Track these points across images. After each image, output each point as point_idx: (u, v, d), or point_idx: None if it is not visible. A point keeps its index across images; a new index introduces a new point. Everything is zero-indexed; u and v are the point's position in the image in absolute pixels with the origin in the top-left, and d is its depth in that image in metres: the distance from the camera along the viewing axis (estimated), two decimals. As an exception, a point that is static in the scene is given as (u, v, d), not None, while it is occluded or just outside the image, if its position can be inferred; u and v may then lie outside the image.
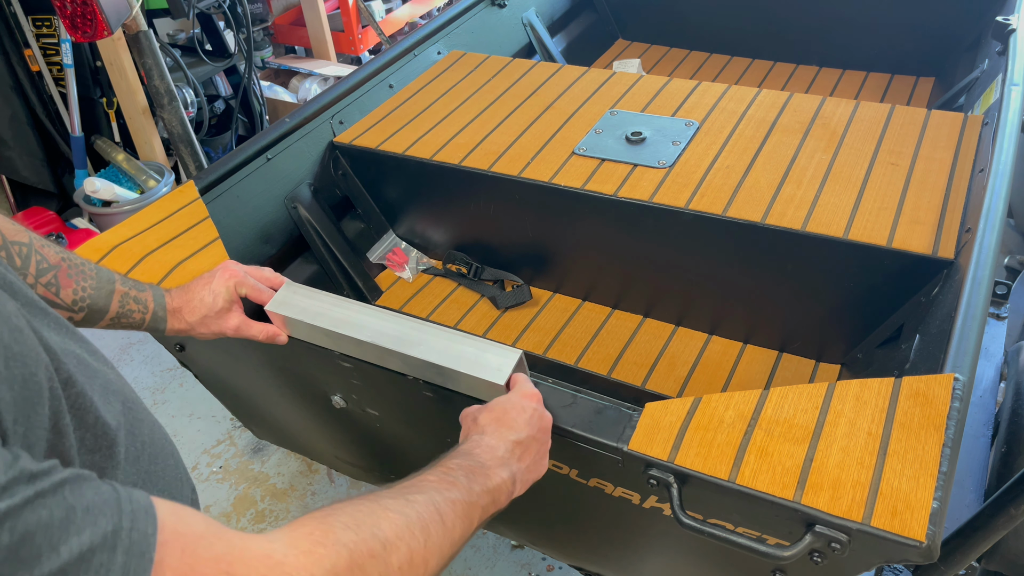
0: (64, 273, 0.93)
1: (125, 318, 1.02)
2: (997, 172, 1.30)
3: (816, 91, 2.54)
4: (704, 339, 1.72)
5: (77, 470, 0.49)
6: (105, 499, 0.48)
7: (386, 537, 0.63)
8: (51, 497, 0.44)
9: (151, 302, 1.05)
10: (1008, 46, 1.71)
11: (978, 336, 1.02)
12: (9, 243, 0.87)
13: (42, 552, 0.42)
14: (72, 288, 0.94)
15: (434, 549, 0.67)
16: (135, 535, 0.47)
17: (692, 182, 1.56)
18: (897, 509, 0.83)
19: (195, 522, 0.52)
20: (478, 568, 1.95)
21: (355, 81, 1.91)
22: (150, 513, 0.49)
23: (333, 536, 0.59)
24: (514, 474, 0.86)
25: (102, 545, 0.45)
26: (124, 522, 0.47)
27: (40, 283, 0.91)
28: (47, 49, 2.88)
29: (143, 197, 2.86)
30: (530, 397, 0.95)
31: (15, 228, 0.89)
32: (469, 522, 0.75)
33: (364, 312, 1.12)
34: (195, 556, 0.50)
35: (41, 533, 0.42)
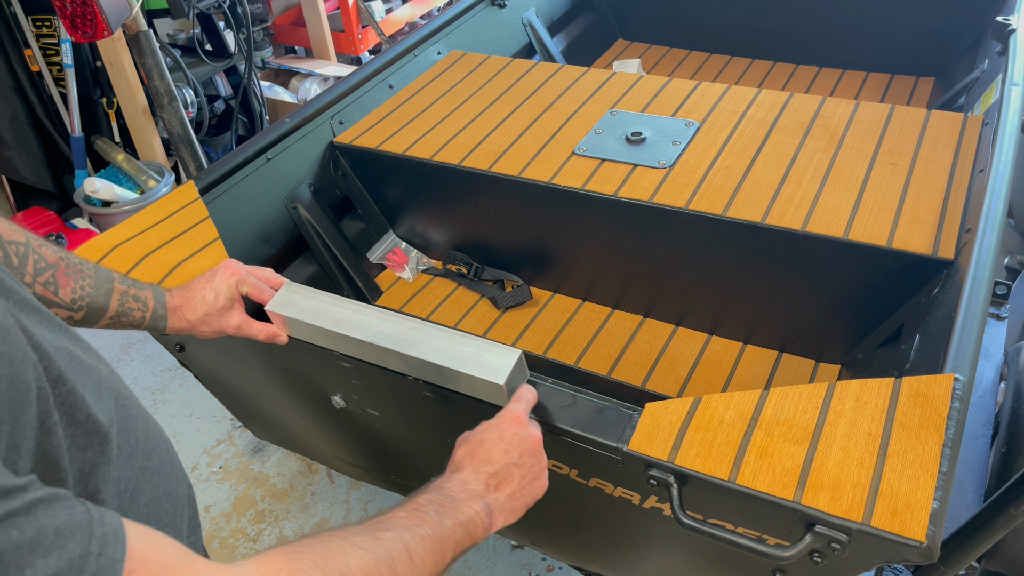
0: (62, 272, 0.93)
1: (125, 316, 1.02)
2: (997, 172, 1.30)
3: (816, 91, 2.54)
4: (704, 339, 1.72)
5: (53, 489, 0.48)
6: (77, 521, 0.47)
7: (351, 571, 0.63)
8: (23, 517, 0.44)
9: (151, 300, 1.05)
10: (1008, 46, 1.71)
11: (978, 336, 1.02)
12: (6, 243, 0.87)
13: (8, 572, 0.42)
14: (71, 287, 0.94)
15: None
16: (103, 561, 0.47)
17: (692, 182, 1.56)
18: (897, 509, 0.83)
19: (166, 549, 0.52)
20: (478, 568, 1.95)
21: (355, 81, 1.91)
22: (120, 538, 0.49)
23: (299, 569, 0.59)
24: (489, 506, 0.84)
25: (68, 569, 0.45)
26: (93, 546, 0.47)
27: (38, 282, 0.90)
28: (47, 49, 2.88)
29: (143, 197, 2.86)
30: (512, 422, 0.91)
31: (12, 228, 0.89)
32: (441, 557, 0.74)
33: (364, 312, 1.12)
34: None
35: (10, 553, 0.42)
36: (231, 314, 1.10)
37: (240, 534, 2.07)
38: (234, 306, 1.10)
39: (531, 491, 0.90)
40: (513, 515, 0.88)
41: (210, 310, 1.08)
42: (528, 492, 0.89)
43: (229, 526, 2.09)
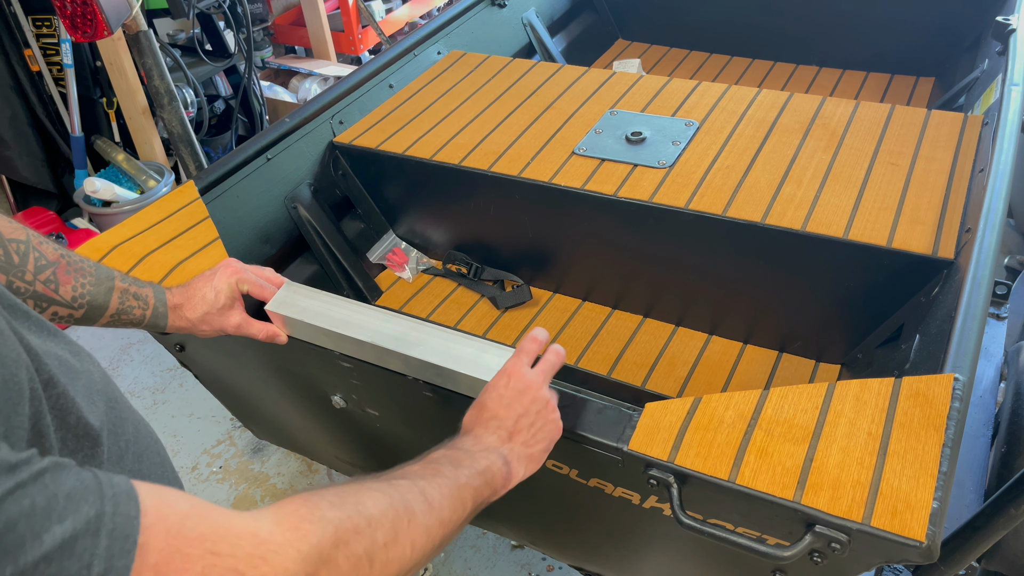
0: (63, 270, 0.93)
1: (125, 315, 1.02)
2: (997, 172, 1.30)
3: (816, 91, 2.54)
4: (704, 339, 1.72)
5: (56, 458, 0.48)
6: (86, 485, 0.47)
7: (371, 514, 0.63)
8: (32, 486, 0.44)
9: (151, 299, 1.05)
10: (1008, 46, 1.71)
11: (978, 336, 1.02)
12: (6, 240, 0.87)
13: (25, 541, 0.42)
14: (71, 284, 0.94)
15: (420, 528, 0.67)
16: (118, 519, 0.47)
17: (692, 182, 1.56)
18: (897, 509, 0.83)
19: (179, 502, 0.52)
20: (478, 568, 1.95)
21: (355, 81, 1.91)
22: (132, 496, 0.49)
23: (318, 513, 0.59)
24: (505, 456, 0.85)
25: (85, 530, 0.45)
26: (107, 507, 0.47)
27: (39, 280, 0.90)
28: (47, 49, 2.88)
29: (143, 197, 2.86)
30: (507, 376, 0.91)
31: (12, 226, 0.89)
32: (460, 504, 0.75)
33: (364, 312, 1.12)
34: (180, 537, 0.50)
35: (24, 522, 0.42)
36: (231, 313, 1.10)
37: (240, 534, 2.07)
38: (234, 305, 1.10)
39: (545, 434, 0.91)
40: (533, 462, 0.89)
41: (210, 309, 1.08)
42: (543, 436, 0.90)
43: (229, 526, 2.09)
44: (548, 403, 0.92)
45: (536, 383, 0.92)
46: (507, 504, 1.38)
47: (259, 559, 0.53)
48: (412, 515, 0.67)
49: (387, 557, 0.63)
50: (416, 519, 0.67)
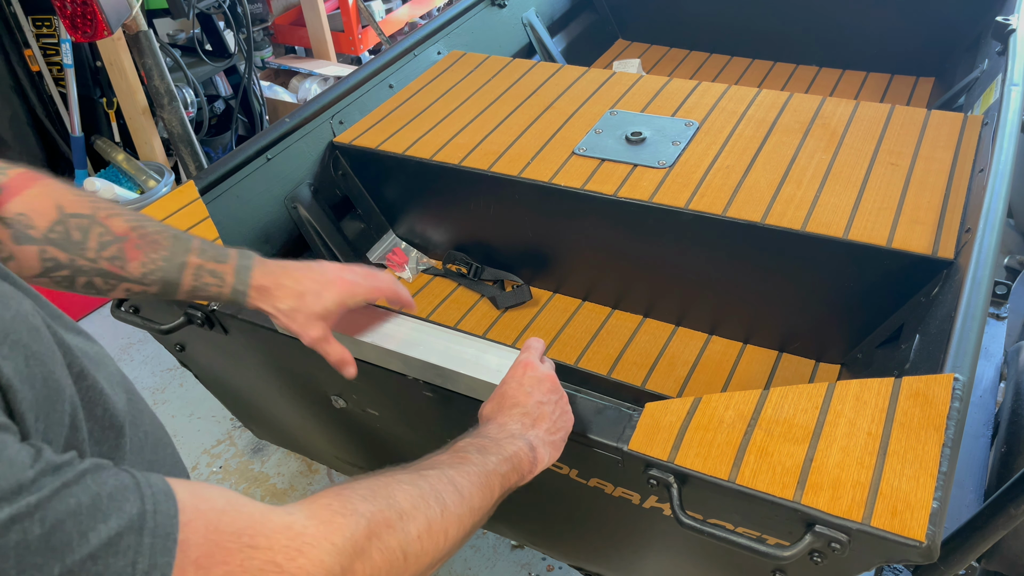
0: (132, 244, 0.87)
1: (202, 291, 0.93)
2: (997, 172, 1.30)
3: (816, 91, 2.54)
4: (704, 339, 1.72)
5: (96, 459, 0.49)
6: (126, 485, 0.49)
7: (402, 508, 0.64)
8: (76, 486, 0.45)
9: (230, 275, 0.94)
10: (1008, 46, 1.71)
11: (978, 336, 1.02)
12: (68, 216, 0.82)
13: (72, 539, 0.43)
14: (140, 261, 0.87)
15: (452, 518, 0.68)
16: (159, 517, 0.48)
17: (692, 182, 1.56)
18: (897, 509, 0.83)
19: (214, 498, 0.53)
20: (478, 568, 1.95)
21: (355, 81, 1.91)
22: (170, 495, 0.50)
23: (351, 506, 0.60)
24: (531, 441, 0.86)
25: (128, 528, 0.46)
26: (147, 506, 0.48)
27: (103, 257, 0.85)
28: (47, 49, 2.88)
29: (143, 197, 2.86)
30: (524, 367, 0.93)
31: (77, 200, 0.84)
32: (489, 491, 0.75)
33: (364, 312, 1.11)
34: (218, 532, 0.51)
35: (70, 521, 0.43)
36: (317, 324, 0.97)
37: (240, 534, 2.07)
38: (327, 319, 0.98)
39: (563, 424, 0.92)
40: (555, 449, 0.90)
41: (301, 308, 0.95)
42: (562, 425, 0.92)
43: (229, 526, 2.09)
44: (563, 396, 0.95)
45: (551, 375, 0.95)
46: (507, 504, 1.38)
47: (295, 551, 0.54)
48: (444, 506, 0.68)
49: (421, 549, 0.64)
50: (448, 509, 0.68)
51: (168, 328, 1.28)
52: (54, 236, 0.81)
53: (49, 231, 0.81)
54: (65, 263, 0.83)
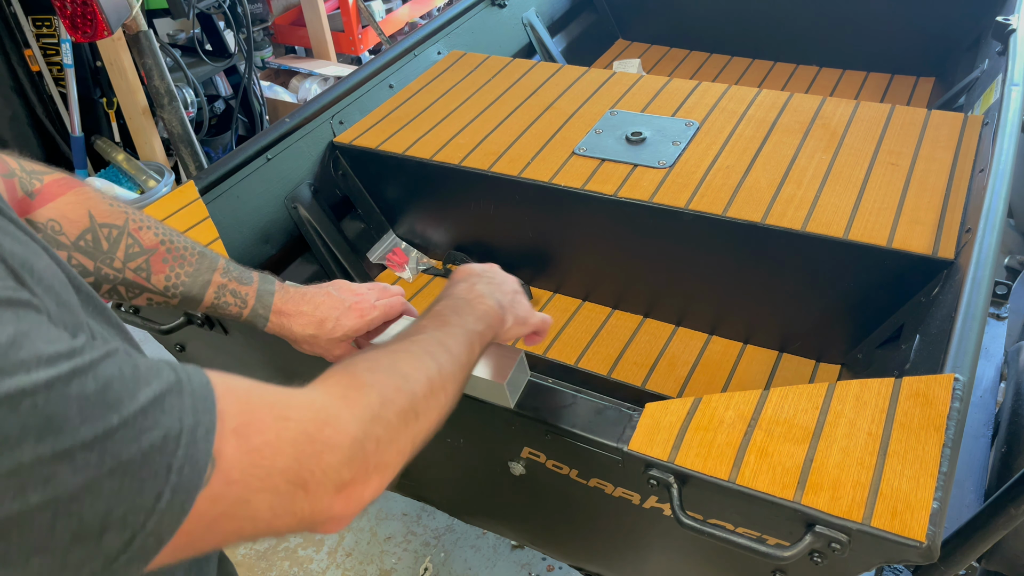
0: (159, 258, 0.90)
1: (222, 309, 0.97)
2: (997, 172, 1.30)
3: (816, 91, 2.54)
4: (704, 339, 1.72)
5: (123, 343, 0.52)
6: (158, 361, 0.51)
7: (405, 371, 0.68)
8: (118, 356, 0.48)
9: (251, 298, 0.98)
10: (1008, 46, 1.71)
11: (978, 336, 1.02)
12: (98, 226, 0.85)
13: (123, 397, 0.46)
14: (164, 274, 0.91)
15: (448, 375, 0.73)
16: (195, 384, 0.51)
17: (692, 182, 1.56)
18: (897, 509, 0.83)
19: (239, 379, 0.56)
20: (478, 568, 1.95)
21: (355, 81, 1.91)
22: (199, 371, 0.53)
23: (359, 380, 0.64)
24: (499, 301, 0.90)
25: (170, 390, 0.48)
26: (182, 375, 0.50)
27: (128, 268, 0.88)
28: (47, 49, 2.88)
29: (143, 197, 2.86)
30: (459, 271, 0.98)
31: (110, 210, 0.87)
32: (471, 349, 0.80)
33: (364, 312, 1.11)
34: (250, 405, 0.54)
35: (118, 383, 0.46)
36: (339, 346, 1.02)
37: (240, 534, 2.07)
38: (348, 338, 1.02)
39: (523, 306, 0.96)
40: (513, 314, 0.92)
41: (321, 335, 1.00)
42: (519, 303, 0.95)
43: (229, 526, 2.09)
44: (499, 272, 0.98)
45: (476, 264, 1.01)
46: (507, 504, 1.39)
47: (322, 423, 0.57)
48: (440, 366, 0.72)
49: (428, 406, 0.68)
50: (443, 368, 0.72)
51: (168, 328, 1.28)
52: (83, 244, 0.85)
53: (79, 239, 0.84)
54: (91, 271, 0.86)
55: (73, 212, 0.84)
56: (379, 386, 0.64)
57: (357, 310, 1.01)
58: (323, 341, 1.01)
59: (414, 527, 2.07)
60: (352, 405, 0.61)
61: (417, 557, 2.00)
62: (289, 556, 2.03)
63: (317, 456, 0.55)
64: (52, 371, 0.43)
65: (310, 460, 0.55)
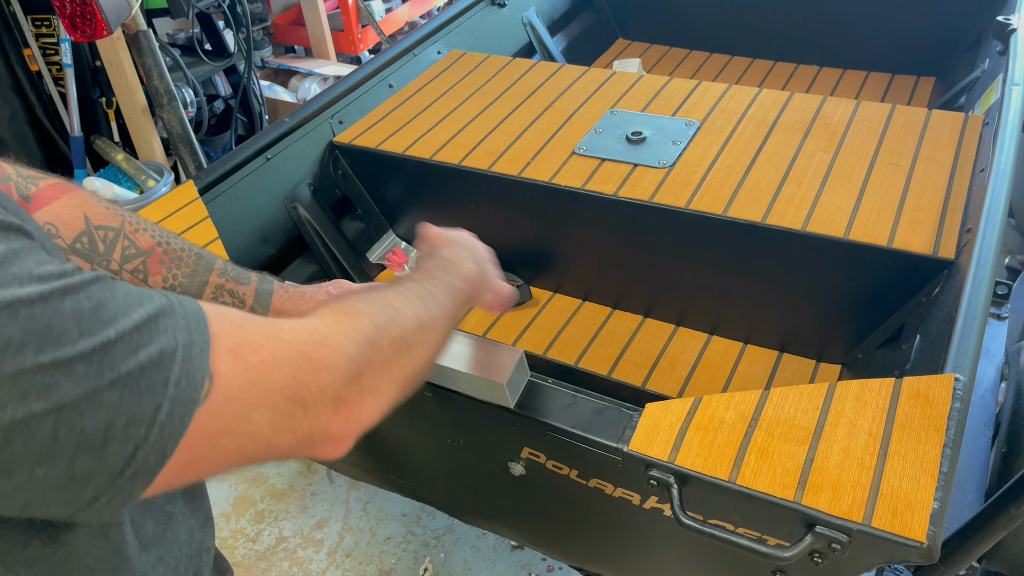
0: (156, 259, 0.92)
1: None
2: (998, 172, 1.30)
3: (816, 91, 2.54)
4: (704, 339, 1.72)
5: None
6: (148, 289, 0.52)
7: (396, 306, 0.69)
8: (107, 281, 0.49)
9: (250, 297, 1.00)
10: (1009, 46, 1.71)
11: (979, 336, 1.02)
12: (94, 228, 0.86)
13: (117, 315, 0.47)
14: (162, 275, 0.92)
15: (436, 319, 0.74)
16: (187, 306, 0.52)
17: (692, 182, 1.55)
18: (898, 510, 0.83)
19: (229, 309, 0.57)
20: (478, 568, 1.95)
21: (355, 81, 1.90)
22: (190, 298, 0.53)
23: (353, 309, 0.65)
24: (480, 266, 0.92)
25: (162, 312, 0.50)
26: (173, 300, 0.51)
27: (125, 269, 0.89)
28: (46, 49, 2.87)
29: (143, 197, 2.85)
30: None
31: (106, 212, 0.88)
32: (455, 303, 0.81)
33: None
34: (244, 327, 0.55)
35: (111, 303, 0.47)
36: None
37: (239, 534, 2.07)
38: None
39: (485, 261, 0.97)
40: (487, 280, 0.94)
41: None
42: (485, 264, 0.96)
43: (228, 526, 2.09)
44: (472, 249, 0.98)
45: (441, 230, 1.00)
46: (507, 504, 1.38)
47: (317, 343, 0.58)
48: (428, 308, 0.74)
49: (417, 340, 0.69)
50: (431, 312, 0.74)
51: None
52: (79, 247, 0.85)
53: (75, 241, 0.85)
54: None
55: (69, 215, 0.84)
56: (372, 315, 0.66)
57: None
58: None
59: (414, 527, 2.07)
60: (346, 328, 0.62)
61: (417, 558, 2.00)
62: (289, 556, 2.03)
63: (314, 373, 0.57)
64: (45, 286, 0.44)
65: (307, 377, 0.56)
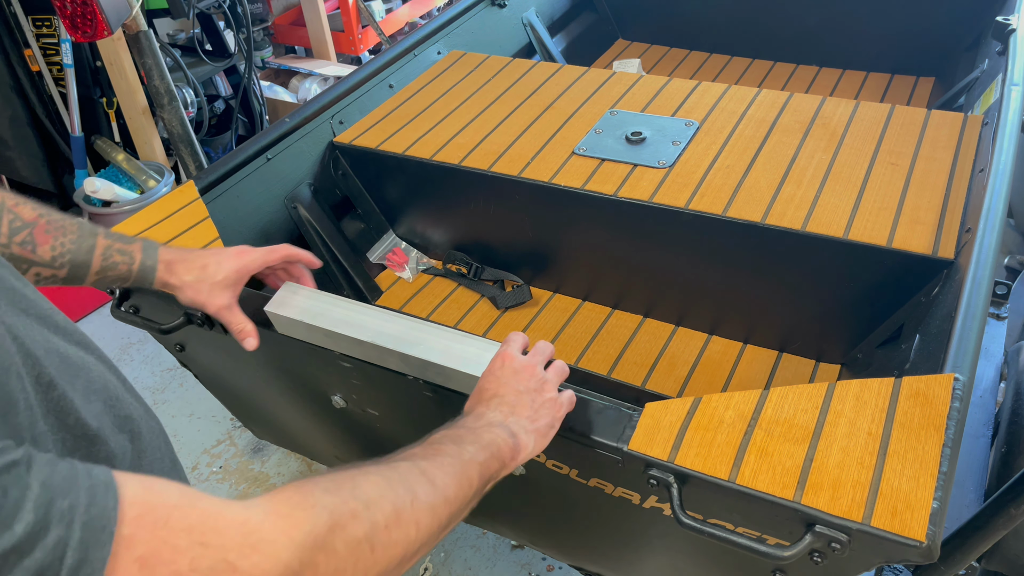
0: (41, 230, 0.91)
1: (111, 271, 0.99)
2: (997, 172, 1.30)
3: (816, 91, 2.54)
4: (704, 339, 1.72)
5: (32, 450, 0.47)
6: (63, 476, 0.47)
7: (368, 497, 0.61)
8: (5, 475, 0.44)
9: (138, 253, 1.01)
10: (1008, 46, 1.71)
11: (978, 336, 1.02)
12: None
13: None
14: (49, 244, 0.92)
15: (423, 508, 0.66)
16: (93, 511, 0.46)
17: (692, 182, 1.56)
18: (897, 509, 0.83)
19: (168, 493, 0.51)
20: (478, 568, 1.95)
21: (355, 81, 1.91)
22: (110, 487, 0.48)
23: (311, 499, 0.58)
24: (511, 428, 0.84)
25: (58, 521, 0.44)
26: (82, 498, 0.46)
27: (14, 242, 0.89)
28: (47, 49, 2.88)
29: (143, 197, 2.86)
30: (500, 359, 0.93)
31: None
32: (467, 480, 0.73)
33: (364, 312, 1.12)
34: (167, 528, 0.49)
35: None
36: (223, 293, 1.06)
37: (240, 534, 2.07)
38: (230, 288, 1.07)
39: (548, 411, 0.90)
40: (540, 436, 0.88)
41: (203, 277, 1.04)
42: (545, 412, 0.90)
43: (229, 526, 2.09)
44: (545, 382, 0.93)
45: (531, 364, 0.93)
46: (507, 504, 1.38)
47: (249, 548, 0.51)
48: (414, 495, 0.66)
49: (389, 539, 0.61)
50: (419, 499, 0.66)
51: (168, 328, 1.28)
52: None
53: None
54: None
55: None
56: (332, 509, 0.58)
57: (236, 251, 1.08)
58: (206, 286, 1.04)
59: (414, 527, 2.07)
60: (294, 528, 0.55)
61: (417, 557, 2.00)
62: (289, 556, 2.03)
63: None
64: None
65: None
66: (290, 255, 1.15)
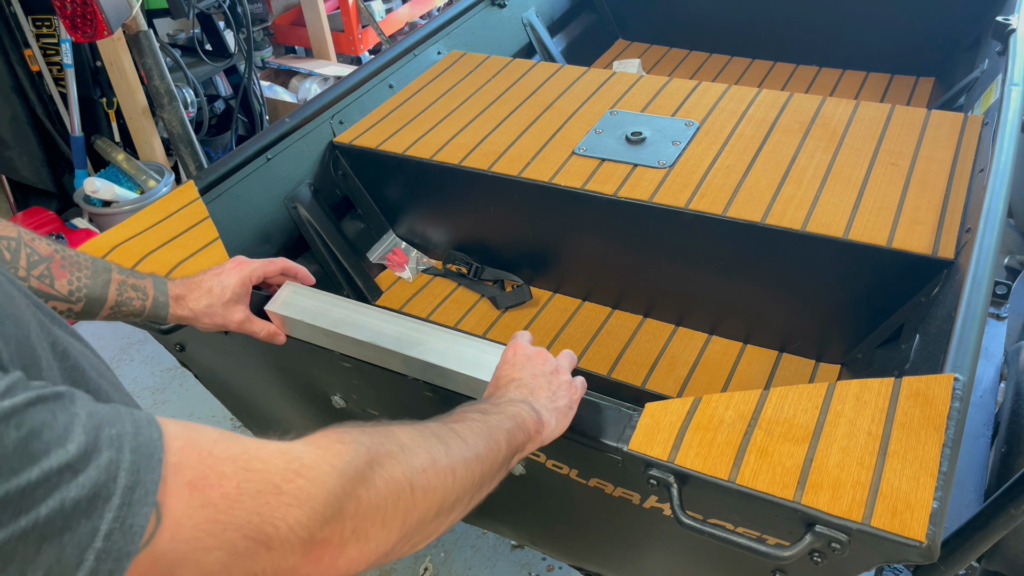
0: (57, 264, 0.93)
1: (125, 306, 1.01)
2: (997, 172, 1.30)
3: (816, 91, 2.54)
4: (704, 339, 1.72)
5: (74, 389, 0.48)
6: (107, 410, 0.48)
7: (403, 443, 0.63)
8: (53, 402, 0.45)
9: (150, 289, 1.04)
10: (1008, 46, 1.71)
11: (978, 336, 1.02)
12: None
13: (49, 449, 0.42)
14: (67, 279, 0.93)
15: (458, 458, 0.67)
16: (140, 439, 0.47)
17: (692, 182, 1.56)
18: (897, 509, 0.83)
19: (208, 431, 0.53)
20: (478, 568, 1.95)
21: (355, 81, 1.90)
22: (153, 422, 0.50)
23: (350, 436, 0.60)
24: (533, 406, 0.86)
25: (109, 444, 0.46)
26: (128, 428, 0.47)
27: (33, 276, 0.90)
28: (47, 49, 2.88)
29: (143, 197, 2.86)
30: (510, 348, 0.96)
31: (2, 223, 0.88)
32: (495, 442, 0.74)
33: (364, 312, 1.12)
34: (212, 456, 0.51)
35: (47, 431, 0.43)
36: (236, 308, 1.09)
37: (240, 534, 2.07)
38: (240, 301, 1.10)
39: (566, 392, 0.92)
40: (562, 416, 0.90)
41: (215, 302, 1.07)
42: (563, 393, 0.92)
43: (229, 526, 2.09)
44: (558, 367, 0.95)
45: (542, 350, 0.96)
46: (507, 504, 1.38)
47: (292, 473, 0.53)
48: (448, 446, 0.67)
49: (427, 483, 0.62)
50: (452, 450, 0.67)
51: (168, 328, 1.28)
52: None
53: None
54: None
55: None
56: (370, 446, 0.59)
57: (233, 265, 1.10)
58: (219, 307, 1.07)
59: (414, 527, 2.07)
60: (336, 457, 0.56)
61: (417, 557, 2.00)
62: (289, 556, 2.03)
63: (284, 508, 0.51)
64: None
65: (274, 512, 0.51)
66: (287, 268, 1.17)
